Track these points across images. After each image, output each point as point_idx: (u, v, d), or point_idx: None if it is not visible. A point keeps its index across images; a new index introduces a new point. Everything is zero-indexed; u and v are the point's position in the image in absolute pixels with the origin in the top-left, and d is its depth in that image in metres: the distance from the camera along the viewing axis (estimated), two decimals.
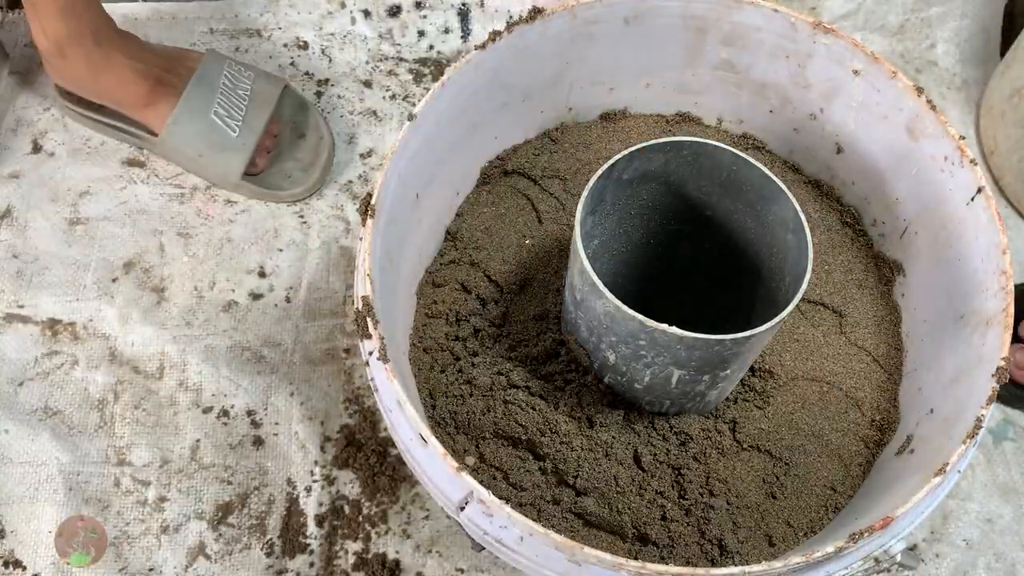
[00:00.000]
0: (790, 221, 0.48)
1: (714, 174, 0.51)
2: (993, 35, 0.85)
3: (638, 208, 0.55)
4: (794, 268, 0.48)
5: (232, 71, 0.73)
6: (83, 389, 0.65)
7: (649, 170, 0.50)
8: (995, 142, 0.76)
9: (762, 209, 0.50)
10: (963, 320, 0.52)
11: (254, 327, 0.68)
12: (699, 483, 0.53)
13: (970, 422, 0.45)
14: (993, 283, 0.49)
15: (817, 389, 0.57)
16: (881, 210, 0.62)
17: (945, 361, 0.53)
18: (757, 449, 0.55)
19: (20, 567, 0.59)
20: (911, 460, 0.51)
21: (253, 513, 0.61)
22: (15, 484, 0.61)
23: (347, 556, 0.59)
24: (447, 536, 0.60)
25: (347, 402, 0.65)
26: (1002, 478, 0.65)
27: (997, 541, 0.62)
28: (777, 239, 0.50)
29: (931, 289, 0.57)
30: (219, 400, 0.65)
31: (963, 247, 0.53)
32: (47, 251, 0.71)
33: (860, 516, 0.49)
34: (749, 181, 0.50)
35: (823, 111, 0.61)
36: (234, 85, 0.72)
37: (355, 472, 0.62)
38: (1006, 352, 0.46)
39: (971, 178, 0.52)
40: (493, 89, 0.59)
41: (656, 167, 0.50)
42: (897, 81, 0.55)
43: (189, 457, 0.63)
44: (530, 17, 0.57)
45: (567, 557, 0.40)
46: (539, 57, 0.60)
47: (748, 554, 0.52)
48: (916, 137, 0.56)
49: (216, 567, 0.59)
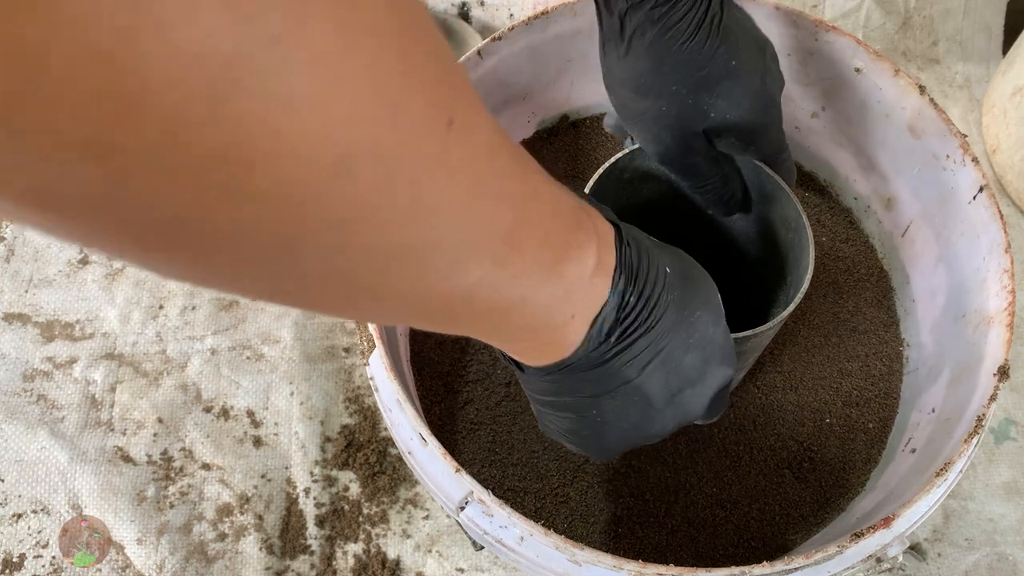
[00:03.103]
0: (791, 220, 0.48)
1: None
2: (995, 33, 0.85)
3: (640, 207, 0.54)
4: (795, 268, 0.48)
5: None
6: (83, 388, 0.65)
7: (651, 169, 0.50)
8: (997, 140, 0.76)
9: (763, 208, 0.50)
10: (965, 319, 0.52)
11: (254, 325, 0.68)
12: (699, 483, 0.53)
13: (972, 421, 0.44)
14: (995, 282, 0.49)
15: (817, 389, 0.57)
16: (882, 208, 0.61)
17: (947, 360, 0.53)
18: (757, 449, 0.54)
19: (20, 567, 0.58)
20: (912, 459, 0.51)
21: (253, 513, 0.61)
22: (14, 484, 0.61)
23: (347, 556, 0.59)
24: (447, 536, 0.60)
25: (347, 401, 0.65)
26: (1004, 477, 0.64)
27: (999, 541, 0.62)
28: (778, 238, 0.50)
29: (933, 288, 0.57)
30: (219, 399, 0.65)
31: (965, 245, 0.53)
32: (47, 250, 0.70)
33: (861, 516, 0.49)
34: (750, 179, 0.49)
35: (824, 109, 0.61)
36: None
37: (355, 472, 0.62)
38: (1008, 351, 0.46)
39: (973, 176, 0.52)
40: (493, 87, 0.59)
41: (657, 166, 0.50)
42: (899, 79, 0.55)
43: (189, 457, 0.63)
44: (532, 16, 0.57)
45: (567, 557, 0.40)
46: (540, 55, 0.60)
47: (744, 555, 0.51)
48: (918, 135, 0.55)
49: (216, 567, 0.59)
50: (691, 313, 0.33)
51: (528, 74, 0.61)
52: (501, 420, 0.55)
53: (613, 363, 0.32)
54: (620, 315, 0.31)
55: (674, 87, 0.43)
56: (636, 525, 0.52)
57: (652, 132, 0.46)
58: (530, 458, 0.54)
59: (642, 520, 0.52)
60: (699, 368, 0.34)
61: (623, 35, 0.43)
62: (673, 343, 0.33)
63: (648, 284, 0.31)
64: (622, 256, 0.30)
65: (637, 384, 0.33)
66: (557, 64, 0.61)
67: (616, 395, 0.33)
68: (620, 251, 0.30)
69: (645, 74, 0.43)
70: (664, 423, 0.35)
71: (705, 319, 0.34)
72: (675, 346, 0.33)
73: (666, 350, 0.33)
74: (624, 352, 0.32)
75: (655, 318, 0.32)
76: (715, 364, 0.35)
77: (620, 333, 0.31)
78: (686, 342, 0.33)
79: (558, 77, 0.63)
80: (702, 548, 0.52)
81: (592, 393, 0.33)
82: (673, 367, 0.33)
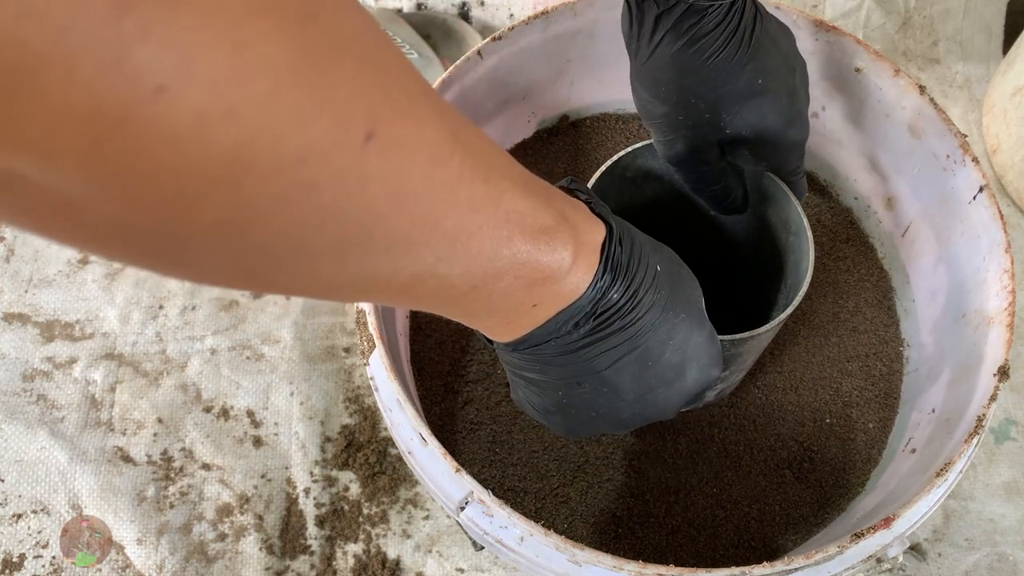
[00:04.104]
0: (791, 223, 0.48)
1: None
2: (995, 33, 0.85)
3: (641, 207, 0.54)
4: (795, 269, 0.48)
5: None
6: (83, 388, 0.65)
7: (653, 169, 0.50)
8: (998, 140, 0.76)
9: (764, 209, 0.50)
10: (965, 319, 0.52)
11: (254, 325, 0.68)
12: (699, 483, 0.52)
13: (972, 421, 0.44)
14: (995, 282, 0.49)
15: (817, 389, 0.57)
16: (883, 208, 0.61)
17: (947, 360, 0.53)
18: (757, 450, 0.54)
19: (20, 567, 0.58)
20: (913, 460, 0.51)
21: (253, 513, 0.61)
22: (14, 484, 0.61)
23: (347, 556, 0.59)
24: (447, 536, 0.60)
25: (347, 401, 0.65)
26: (1004, 478, 0.64)
27: (1000, 541, 0.62)
28: (779, 240, 0.50)
29: (933, 288, 0.57)
30: (219, 399, 0.65)
31: (965, 246, 0.53)
32: (47, 250, 0.70)
33: (861, 516, 0.49)
34: (751, 181, 0.49)
35: (825, 109, 0.61)
36: None
37: (355, 472, 0.62)
38: (1008, 351, 0.46)
39: (974, 176, 0.52)
40: (493, 87, 0.59)
41: (659, 165, 0.50)
42: (899, 79, 0.55)
43: (189, 457, 0.63)
44: (532, 16, 0.57)
45: (567, 557, 0.40)
46: (540, 54, 0.60)
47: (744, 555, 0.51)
48: (918, 135, 0.55)
49: (216, 567, 0.59)
50: (676, 314, 0.34)
51: (528, 74, 0.61)
52: (501, 420, 0.55)
53: (584, 352, 0.32)
54: (597, 308, 0.31)
55: (693, 100, 0.43)
56: (636, 525, 0.52)
57: (666, 136, 0.46)
58: (530, 458, 0.54)
59: (642, 520, 0.52)
60: (677, 369, 0.35)
61: (651, 40, 0.42)
62: (652, 341, 0.33)
63: (635, 281, 0.32)
64: (611, 254, 0.31)
65: (606, 376, 0.33)
66: (557, 64, 0.61)
67: (584, 383, 0.34)
68: (609, 249, 0.31)
69: (667, 82, 0.43)
70: (632, 416, 0.36)
71: (689, 322, 0.35)
72: (654, 345, 0.33)
73: (643, 347, 0.33)
74: (597, 344, 0.32)
75: (636, 315, 0.32)
76: (696, 367, 0.35)
77: (594, 326, 0.32)
78: (666, 342, 0.34)
79: (558, 77, 0.63)
80: (702, 548, 0.51)
81: (560, 377, 0.34)
82: (649, 365, 0.34)
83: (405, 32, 0.73)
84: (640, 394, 0.35)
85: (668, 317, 0.33)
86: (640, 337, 0.33)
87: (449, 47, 0.76)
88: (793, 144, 0.46)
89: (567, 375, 0.34)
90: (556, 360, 0.33)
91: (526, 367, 0.34)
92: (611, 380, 0.34)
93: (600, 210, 0.33)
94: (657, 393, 0.35)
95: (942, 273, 0.55)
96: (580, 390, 0.34)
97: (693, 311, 0.35)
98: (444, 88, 0.54)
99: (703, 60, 0.41)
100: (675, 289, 0.34)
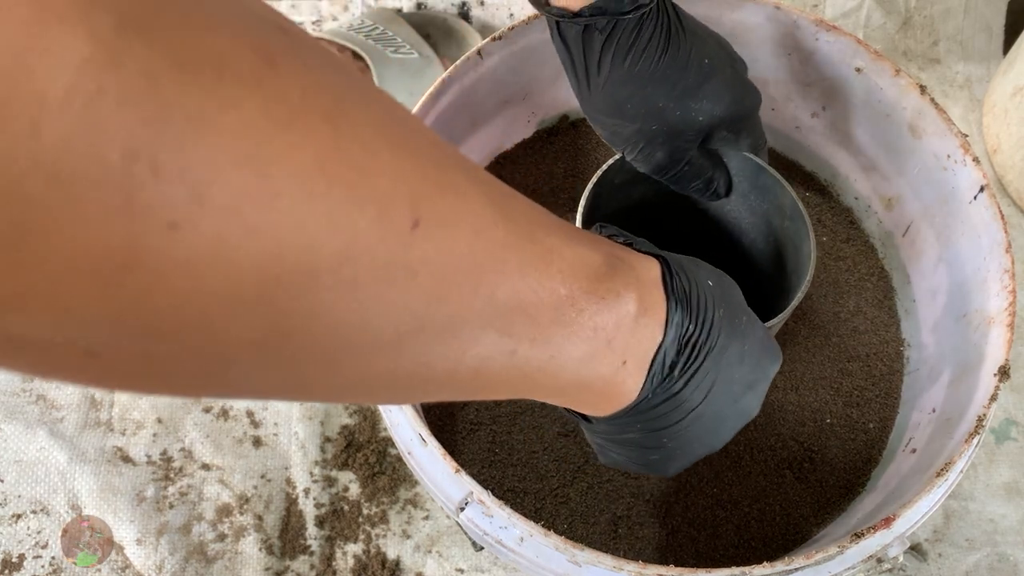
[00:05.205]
0: (786, 207, 0.48)
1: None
2: (996, 33, 0.85)
3: (631, 209, 0.54)
4: (796, 253, 0.48)
5: None
6: (82, 389, 0.65)
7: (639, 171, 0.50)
8: (998, 140, 0.76)
9: (756, 197, 0.50)
10: (965, 319, 0.52)
11: None
12: (699, 483, 0.52)
13: (972, 421, 0.44)
14: (996, 282, 0.49)
15: (818, 389, 0.57)
16: (883, 208, 0.61)
17: (947, 360, 0.53)
18: (757, 450, 0.54)
19: (19, 567, 0.58)
20: (913, 460, 0.50)
21: (252, 513, 0.61)
22: (14, 484, 0.61)
23: (347, 557, 0.59)
24: (447, 536, 0.60)
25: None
26: (1005, 478, 0.64)
27: (1000, 541, 0.62)
28: (779, 241, 0.50)
29: (933, 287, 0.57)
30: (219, 399, 0.65)
31: (966, 246, 0.53)
32: None
33: (862, 516, 0.49)
34: (742, 172, 0.50)
35: (825, 109, 0.61)
36: None
37: (355, 472, 0.62)
38: (1008, 351, 0.46)
39: (974, 176, 0.52)
40: (494, 87, 0.59)
41: None
42: (900, 79, 0.55)
43: (189, 457, 0.63)
44: (532, 16, 0.57)
45: (567, 558, 0.40)
46: (540, 55, 0.60)
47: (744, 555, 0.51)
48: (919, 135, 0.55)
49: (216, 567, 0.59)
50: (739, 322, 0.33)
51: (528, 74, 0.60)
52: (501, 420, 0.55)
53: (680, 395, 0.31)
54: (680, 346, 0.30)
55: (661, 103, 0.44)
56: (636, 525, 0.52)
57: (643, 152, 0.46)
58: (530, 458, 0.54)
59: (642, 520, 0.52)
60: (754, 370, 0.34)
61: (600, 68, 0.43)
62: (731, 357, 0.33)
63: (702, 308, 0.31)
64: (674, 287, 0.30)
65: (704, 408, 0.33)
66: (557, 64, 0.61)
67: (685, 421, 0.33)
68: (671, 283, 0.30)
69: (631, 99, 0.44)
70: (732, 429, 0.35)
71: (749, 322, 0.34)
72: (732, 360, 0.33)
73: (724, 366, 0.32)
74: (690, 382, 0.31)
75: (713, 339, 0.31)
76: (767, 361, 0.35)
77: (683, 365, 0.31)
78: (741, 351, 0.33)
79: (558, 77, 0.62)
80: (702, 548, 0.51)
81: (661, 426, 0.33)
82: (736, 379, 0.33)
83: (405, 32, 0.73)
84: (734, 407, 0.34)
85: (735, 327, 0.33)
86: (720, 357, 0.32)
87: (449, 47, 0.76)
88: (755, 108, 0.48)
89: (668, 423, 0.32)
90: (655, 411, 0.32)
91: (622, 430, 0.33)
92: (710, 409, 0.33)
93: (642, 246, 0.32)
94: (745, 399, 0.35)
95: (943, 273, 0.55)
96: (683, 430, 0.33)
97: (747, 312, 0.35)
98: (444, 88, 0.54)
99: (656, 65, 0.43)
100: (727, 297, 0.33)
